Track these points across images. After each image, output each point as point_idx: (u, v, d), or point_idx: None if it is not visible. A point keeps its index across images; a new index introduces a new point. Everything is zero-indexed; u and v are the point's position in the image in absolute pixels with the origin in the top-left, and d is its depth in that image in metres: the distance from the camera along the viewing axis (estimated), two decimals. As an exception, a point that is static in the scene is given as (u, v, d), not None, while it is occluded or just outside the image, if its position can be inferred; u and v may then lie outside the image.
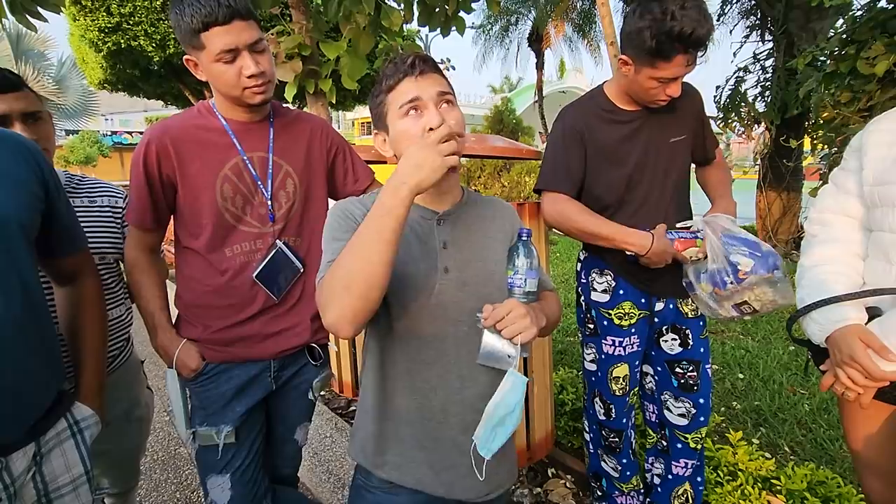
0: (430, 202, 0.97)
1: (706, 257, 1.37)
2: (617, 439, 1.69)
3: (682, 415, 1.58)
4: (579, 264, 1.67)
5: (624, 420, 1.67)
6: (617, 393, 1.62)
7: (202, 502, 2.05)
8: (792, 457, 2.20)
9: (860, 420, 1.15)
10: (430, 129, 0.84)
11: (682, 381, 1.57)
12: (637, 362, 1.62)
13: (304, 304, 1.29)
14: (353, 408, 2.85)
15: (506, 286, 0.93)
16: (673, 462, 1.63)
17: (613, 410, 1.64)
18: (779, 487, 1.73)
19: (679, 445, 1.60)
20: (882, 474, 1.14)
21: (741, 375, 3.02)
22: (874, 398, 1.03)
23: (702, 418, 1.57)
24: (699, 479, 1.65)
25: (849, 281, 1.09)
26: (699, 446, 1.60)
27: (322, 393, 2.87)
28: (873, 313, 1.04)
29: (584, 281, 1.64)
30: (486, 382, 0.95)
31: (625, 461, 1.70)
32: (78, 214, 1.26)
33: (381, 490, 0.98)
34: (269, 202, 1.22)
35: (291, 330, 1.27)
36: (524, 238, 0.93)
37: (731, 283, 1.30)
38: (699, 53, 1.29)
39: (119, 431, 1.38)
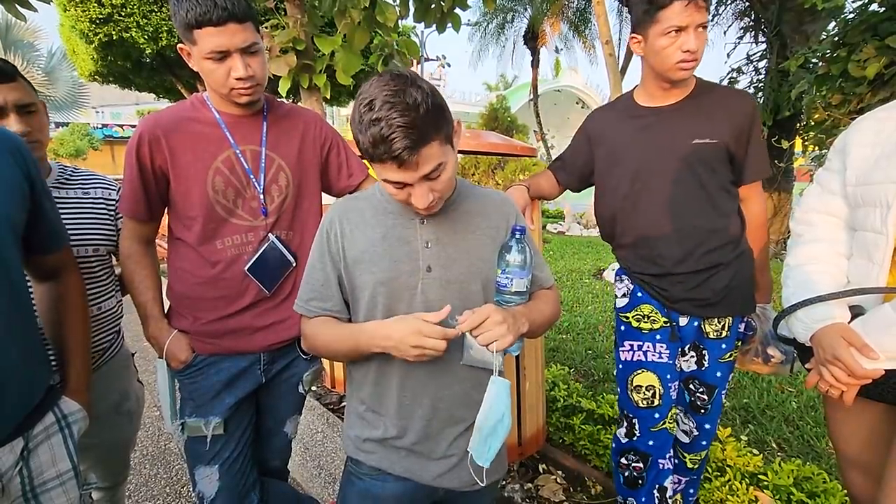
0: None
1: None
2: (640, 465, 1.46)
3: (685, 432, 1.54)
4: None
5: (650, 442, 1.43)
6: (640, 404, 1.42)
7: (192, 497, 2.05)
8: (779, 453, 2.23)
9: (843, 416, 1.17)
10: (421, 324, 0.83)
11: (692, 399, 1.50)
12: (668, 376, 1.42)
13: (294, 297, 1.28)
14: (344, 403, 2.85)
15: (493, 284, 0.93)
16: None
17: (637, 427, 1.44)
18: (766, 483, 1.75)
19: (676, 461, 1.55)
20: (864, 469, 1.16)
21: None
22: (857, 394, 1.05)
23: (704, 442, 1.52)
24: (692, 490, 1.64)
25: (833, 280, 1.11)
26: (696, 466, 1.56)
27: (314, 388, 2.86)
28: (856, 312, 1.06)
29: (616, 290, 1.57)
30: (472, 377, 0.96)
31: (644, 500, 1.47)
32: (71, 206, 1.26)
33: (370, 477, 1.00)
34: (262, 196, 1.22)
35: (282, 323, 1.27)
36: (517, 236, 0.91)
37: (759, 361, 1.46)
38: (706, 4, 1.20)
39: (109, 424, 1.37)
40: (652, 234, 1.40)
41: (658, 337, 1.43)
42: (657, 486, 1.46)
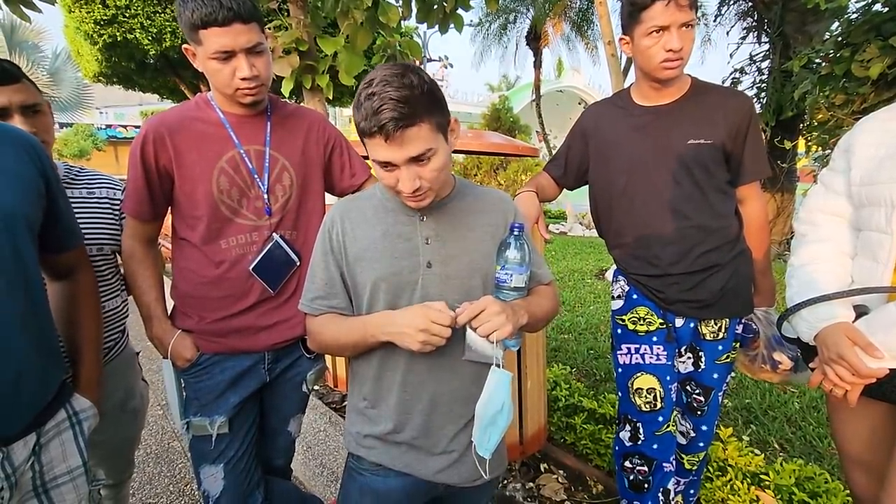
0: None
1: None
2: (645, 469, 1.44)
3: (682, 433, 1.54)
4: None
5: (655, 446, 1.42)
6: (643, 408, 1.42)
7: (196, 495, 2.06)
8: (781, 453, 2.23)
9: (846, 415, 1.17)
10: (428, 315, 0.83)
11: (689, 400, 1.50)
12: (668, 377, 1.42)
13: (298, 297, 1.28)
14: (346, 403, 2.86)
15: (493, 280, 0.93)
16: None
17: (641, 431, 1.43)
18: (767, 483, 1.75)
19: (674, 462, 1.53)
20: (867, 468, 1.16)
21: (732, 373, 3.04)
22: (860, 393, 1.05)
23: (701, 444, 1.52)
24: (692, 491, 1.64)
25: (837, 279, 1.11)
26: (694, 468, 1.56)
27: (316, 387, 2.87)
28: (861, 311, 1.06)
29: (612, 291, 1.57)
30: (472, 373, 0.97)
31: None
32: (76, 205, 1.26)
33: (370, 472, 1.01)
34: (266, 195, 1.23)
35: (286, 322, 1.28)
36: (515, 232, 0.92)
37: (767, 368, 1.43)
38: (688, 3, 1.20)
39: (114, 422, 1.38)
40: (647, 235, 1.40)
41: (655, 339, 1.42)
42: (661, 488, 1.46)
